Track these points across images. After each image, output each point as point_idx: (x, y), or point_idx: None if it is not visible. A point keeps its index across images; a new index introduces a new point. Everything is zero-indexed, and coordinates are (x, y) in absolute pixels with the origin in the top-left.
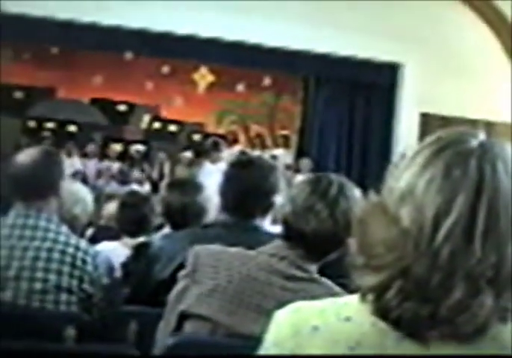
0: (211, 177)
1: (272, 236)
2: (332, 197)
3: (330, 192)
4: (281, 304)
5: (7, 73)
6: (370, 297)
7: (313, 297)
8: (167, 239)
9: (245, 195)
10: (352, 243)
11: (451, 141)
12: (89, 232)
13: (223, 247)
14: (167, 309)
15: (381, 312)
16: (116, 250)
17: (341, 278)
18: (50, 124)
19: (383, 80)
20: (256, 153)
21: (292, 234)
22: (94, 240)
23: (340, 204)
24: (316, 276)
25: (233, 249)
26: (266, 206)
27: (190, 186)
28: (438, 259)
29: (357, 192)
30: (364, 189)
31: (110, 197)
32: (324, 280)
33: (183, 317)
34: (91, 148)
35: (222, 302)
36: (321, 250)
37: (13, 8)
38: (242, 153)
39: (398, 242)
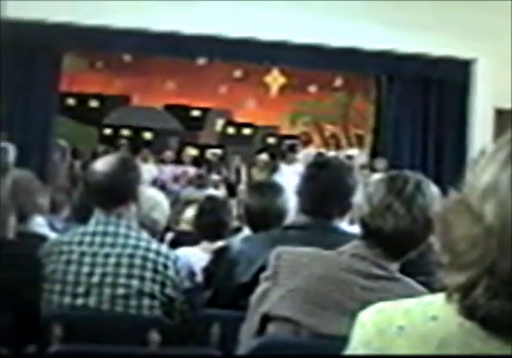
0: (287, 178)
1: (350, 237)
2: (409, 194)
3: (406, 189)
4: (363, 304)
5: (82, 82)
6: (456, 296)
7: (395, 296)
8: (247, 242)
9: (323, 196)
10: (435, 241)
11: None
12: (169, 237)
13: (303, 249)
14: (249, 311)
15: (468, 310)
16: (196, 256)
17: (422, 276)
18: (126, 132)
19: (456, 76)
20: (331, 153)
21: (370, 233)
22: (174, 245)
23: (417, 201)
24: (397, 274)
25: (313, 250)
26: (344, 207)
27: (270, 189)
28: None
29: (434, 189)
30: (441, 186)
31: (190, 202)
32: (405, 278)
33: (266, 319)
34: (168, 154)
35: (303, 303)
36: (400, 249)
37: (87, 20)
38: (319, 154)
39: (482, 238)
